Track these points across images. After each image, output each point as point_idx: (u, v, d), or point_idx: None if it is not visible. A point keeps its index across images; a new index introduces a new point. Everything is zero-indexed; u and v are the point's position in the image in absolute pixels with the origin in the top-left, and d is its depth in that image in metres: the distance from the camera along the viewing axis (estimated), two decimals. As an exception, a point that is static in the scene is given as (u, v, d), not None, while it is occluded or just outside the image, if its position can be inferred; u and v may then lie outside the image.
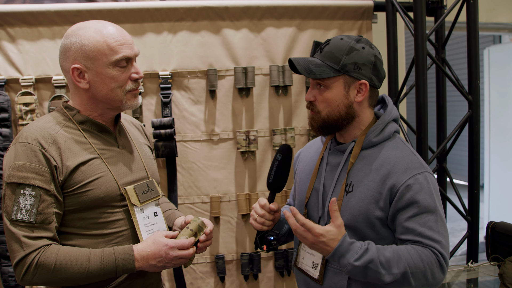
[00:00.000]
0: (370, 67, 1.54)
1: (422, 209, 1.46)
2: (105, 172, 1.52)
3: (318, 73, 1.52)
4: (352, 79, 1.54)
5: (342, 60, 1.52)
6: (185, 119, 2.80)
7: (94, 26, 1.52)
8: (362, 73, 1.53)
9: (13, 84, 2.61)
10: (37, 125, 1.49)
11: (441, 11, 2.97)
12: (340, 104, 1.55)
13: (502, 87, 5.29)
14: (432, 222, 1.46)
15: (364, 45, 1.55)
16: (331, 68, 1.52)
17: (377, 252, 1.43)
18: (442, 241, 1.46)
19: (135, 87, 1.57)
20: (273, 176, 1.64)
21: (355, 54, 1.53)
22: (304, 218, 1.44)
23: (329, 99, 1.55)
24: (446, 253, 1.46)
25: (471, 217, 2.96)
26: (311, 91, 1.59)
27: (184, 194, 2.82)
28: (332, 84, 1.54)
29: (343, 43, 1.54)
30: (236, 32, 2.82)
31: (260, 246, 1.67)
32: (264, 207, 1.63)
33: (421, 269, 1.43)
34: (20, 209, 1.39)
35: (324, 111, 1.56)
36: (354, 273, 1.43)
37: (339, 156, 1.63)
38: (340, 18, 2.93)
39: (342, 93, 1.54)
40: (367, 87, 1.55)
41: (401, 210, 1.48)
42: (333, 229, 1.43)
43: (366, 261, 1.41)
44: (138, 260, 1.47)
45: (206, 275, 2.87)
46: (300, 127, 2.92)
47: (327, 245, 1.43)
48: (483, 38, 6.84)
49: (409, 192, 1.47)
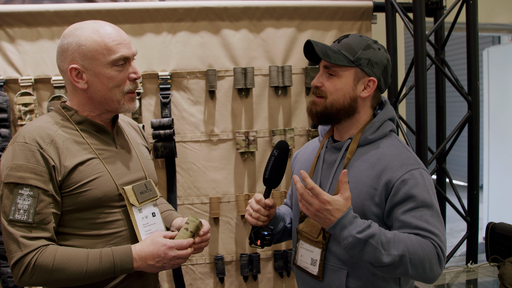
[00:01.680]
0: (381, 68, 1.60)
1: (419, 203, 1.46)
2: (103, 172, 1.52)
3: (333, 58, 1.55)
4: (363, 74, 1.58)
5: (358, 53, 1.57)
6: (184, 119, 2.79)
7: (92, 26, 1.52)
8: (373, 71, 1.58)
9: (12, 85, 2.62)
10: (35, 125, 1.49)
11: (441, 11, 2.98)
12: (346, 95, 1.58)
13: (502, 87, 5.29)
14: (428, 216, 1.46)
15: (380, 47, 1.62)
16: (346, 57, 1.56)
17: (379, 230, 1.41)
18: (440, 235, 1.45)
19: (133, 88, 1.57)
20: (269, 171, 1.65)
21: (371, 51, 1.58)
22: (313, 182, 1.42)
23: (337, 87, 1.58)
24: (444, 247, 1.46)
25: (470, 218, 2.96)
26: (319, 77, 1.62)
27: (183, 195, 2.82)
28: (343, 73, 1.57)
29: (361, 39, 1.60)
30: (236, 33, 2.82)
31: (254, 241, 1.68)
32: (259, 202, 1.65)
33: (420, 256, 1.40)
34: (18, 209, 1.39)
35: (330, 98, 1.58)
36: (353, 247, 1.39)
37: (336, 153, 1.65)
38: (340, 19, 2.93)
39: (351, 84, 1.58)
40: (375, 85, 1.59)
41: (397, 205, 1.48)
42: (340, 200, 1.41)
43: (368, 235, 1.38)
44: (136, 260, 1.47)
45: (206, 276, 2.86)
46: (300, 128, 2.92)
47: (332, 215, 1.41)
48: (483, 38, 6.85)
49: (405, 187, 1.47)
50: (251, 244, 1.70)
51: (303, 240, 1.67)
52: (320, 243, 1.60)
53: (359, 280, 1.55)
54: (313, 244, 1.63)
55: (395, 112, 2.99)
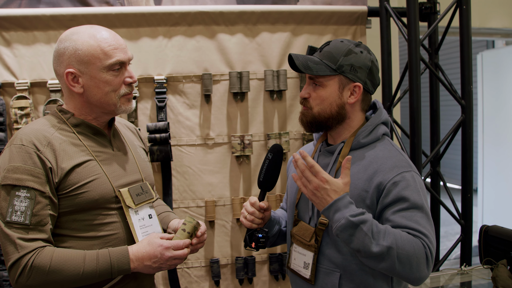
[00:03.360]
0: (365, 71, 1.59)
1: (409, 204, 1.46)
2: (100, 174, 1.53)
3: (315, 70, 1.56)
4: (347, 80, 1.58)
5: (339, 60, 1.56)
6: (180, 123, 2.80)
7: (88, 31, 1.53)
8: (357, 76, 1.57)
9: (8, 88, 2.62)
10: (32, 127, 1.50)
11: (435, 16, 3.00)
12: (333, 103, 1.58)
13: (496, 91, 5.33)
14: (419, 218, 1.46)
15: (363, 49, 1.60)
16: (328, 67, 1.57)
17: (371, 219, 1.41)
18: (430, 237, 1.44)
19: (129, 92, 1.58)
20: (263, 174, 1.66)
21: (352, 56, 1.57)
22: (314, 161, 1.43)
23: (322, 97, 1.59)
24: (433, 249, 1.45)
25: (464, 221, 2.98)
26: (306, 88, 1.63)
27: (179, 198, 2.82)
28: (327, 82, 1.58)
29: (342, 45, 1.59)
30: (231, 37, 2.83)
31: (249, 244, 1.70)
32: (254, 205, 1.66)
33: (409, 253, 1.39)
34: (15, 211, 1.39)
35: (316, 108, 1.60)
36: (344, 230, 1.39)
37: (329, 157, 1.66)
38: (335, 23, 2.95)
39: (336, 93, 1.58)
40: (361, 90, 1.59)
41: (388, 206, 1.49)
42: (339, 182, 1.42)
43: (361, 220, 1.38)
44: (133, 261, 1.48)
45: (201, 279, 2.87)
46: (295, 132, 2.94)
47: (328, 195, 1.41)
48: (477, 43, 6.90)
49: (396, 188, 1.48)
50: (246, 246, 1.72)
51: (296, 243, 1.67)
52: (312, 246, 1.61)
53: (352, 282, 1.56)
54: (305, 248, 1.63)
55: (390, 116, 3.02)
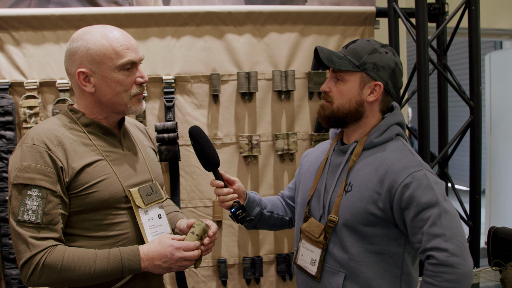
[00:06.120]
0: (388, 72, 1.60)
1: (423, 205, 1.45)
2: (110, 174, 1.53)
3: (338, 64, 1.58)
4: (369, 78, 1.59)
5: (363, 57, 1.59)
6: (188, 123, 2.81)
7: (100, 30, 1.54)
8: (379, 75, 1.59)
9: (18, 88, 2.63)
10: (43, 127, 1.50)
11: (443, 17, 2.99)
12: (352, 99, 1.60)
13: (504, 92, 5.30)
14: (435, 218, 1.43)
15: (388, 51, 1.63)
16: (351, 62, 1.59)
17: None
18: (450, 243, 1.41)
19: (140, 91, 1.59)
20: (200, 159, 1.70)
21: (377, 55, 1.59)
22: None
23: (343, 92, 1.60)
24: (452, 244, 1.41)
25: (472, 222, 2.96)
26: (327, 83, 1.65)
27: (186, 198, 2.83)
28: (349, 78, 1.60)
29: (368, 44, 1.62)
30: (239, 37, 2.84)
31: (235, 221, 1.75)
32: (212, 184, 1.72)
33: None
34: (26, 210, 1.40)
35: (336, 103, 1.61)
36: None
37: (341, 156, 1.67)
38: (343, 24, 2.94)
39: (356, 89, 1.60)
40: (381, 89, 1.60)
41: (405, 210, 1.49)
42: None
43: None
44: (143, 260, 1.48)
45: (208, 279, 2.87)
46: (303, 132, 2.94)
47: None
48: (485, 43, 6.87)
49: (408, 191, 1.47)
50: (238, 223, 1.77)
51: (305, 239, 1.68)
52: (320, 243, 1.62)
53: (357, 283, 1.56)
54: (314, 244, 1.64)
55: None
